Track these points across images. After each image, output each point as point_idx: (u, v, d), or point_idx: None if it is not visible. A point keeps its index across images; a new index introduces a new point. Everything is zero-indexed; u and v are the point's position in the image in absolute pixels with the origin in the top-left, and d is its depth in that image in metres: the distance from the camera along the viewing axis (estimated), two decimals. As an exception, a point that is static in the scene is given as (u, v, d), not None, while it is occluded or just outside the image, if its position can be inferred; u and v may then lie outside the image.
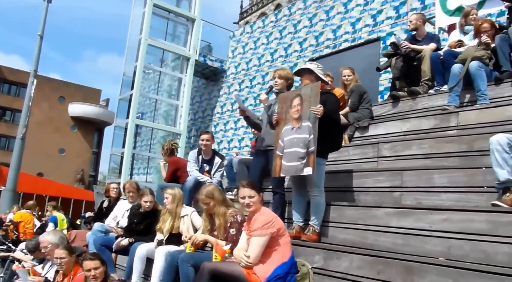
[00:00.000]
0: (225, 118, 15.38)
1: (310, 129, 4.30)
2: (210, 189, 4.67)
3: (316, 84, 4.47)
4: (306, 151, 4.29)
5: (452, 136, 4.75)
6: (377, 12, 11.12)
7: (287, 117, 4.60)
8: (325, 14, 12.52)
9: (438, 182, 4.20)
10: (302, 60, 12.89)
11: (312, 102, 4.33)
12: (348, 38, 11.71)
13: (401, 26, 10.49)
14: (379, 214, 4.11)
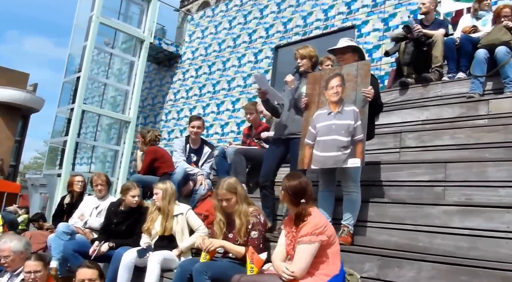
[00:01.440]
0: (178, 106, 14.40)
1: (356, 114, 3.66)
2: (232, 182, 3.91)
3: (364, 62, 3.86)
4: (350, 139, 3.65)
5: (492, 125, 4.28)
6: (352, 0, 10.68)
7: (321, 100, 3.91)
8: (294, 0, 11.91)
9: (494, 175, 3.69)
10: (268, 47, 12.26)
11: (359, 84, 3.69)
12: (320, 26, 11.20)
13: (378, 15, 10.11)
14: (435, 213, 3.55)
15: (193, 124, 5.55)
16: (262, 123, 5.96)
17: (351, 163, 3.61)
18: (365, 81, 3.71)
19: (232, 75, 12.93)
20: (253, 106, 5.87)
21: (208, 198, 5.22)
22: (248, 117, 5.93)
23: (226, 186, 3.85)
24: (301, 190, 3.28)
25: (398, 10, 9.78)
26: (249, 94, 12.29)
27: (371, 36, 10.10)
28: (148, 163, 5.89)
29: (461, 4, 6.38)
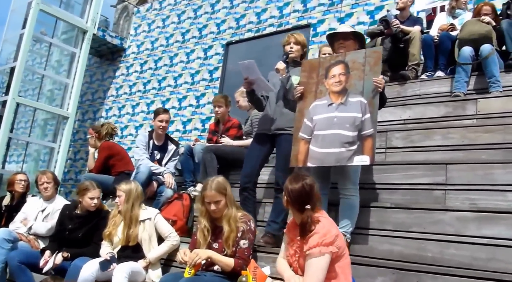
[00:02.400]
0: (120, 102, 13.48)
1: (364, 106, 3.28)
2: (222, 182, 3.39)
3: (375, 49, 3.53)
4: (356, 134, 3.26)
5: (488, 125, 4.07)
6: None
7: (319, 89, 3.49)
8: (248, -5, 11.49)
9: (502, 178, 3.45)
10: (219, 43, 11.74)
11: (367, 72, 3.31)
12: (274, 23, 10.83)
13: (334, 14, 9.91)
14: (446, 219, 3.23)
15: (161, 118, 4.95)
16: (231, 118, 5.46)
17: (358, 160, 3.22)
18: (374, 70, 3.35)
19: (179, 71, 12.26)
20: (222, 99, 5.36)
21: (175, 200, 4.64)
22: (216, 111, 5.40)
23: (215, 186, 3.32)
24: (306, 194, 2.83)
25: (355, 10, 9.61)
26: (197, 91, 11.69)
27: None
28: (102, 160, 5.24)
29: (436, 2, 6.24)
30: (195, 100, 11.55)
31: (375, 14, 9.27)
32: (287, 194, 2.83)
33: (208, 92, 11.38)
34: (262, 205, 4.20)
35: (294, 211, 2.85)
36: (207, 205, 3.33)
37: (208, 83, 11.46)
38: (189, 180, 5.12)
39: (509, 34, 4.88)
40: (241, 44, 11.41)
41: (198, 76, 11.75)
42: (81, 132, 14.05)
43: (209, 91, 11.38)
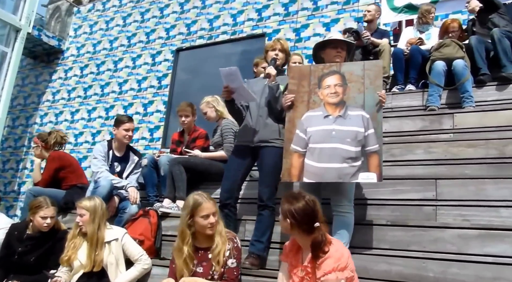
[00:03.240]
0: (57, 108, 12.59)
1: (366, 120, 3.13)
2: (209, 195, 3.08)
3: (375, 63, 3.38)
4: (360, 149, 3.06)
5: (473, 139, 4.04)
6: (263, 6, 10.28)
7: (312, 100, 3.27)
8: (200, 2, 11.15)
9: (494, 194, 3.38)
10: (168, 49, 11.30)
11: (368, 86, 3.15)
12: (228, 31, 10.59)
13: (290, 25, 9.84)
14: (447, 237, 3.10)
15: (127, 126, 4.51)
16: (197, 128, 5.11)
17: (364, 177, 3.02)
18: (376, 84, 3.19)
19: (124, 77, 11.65)
20: (189, 108, 5.00)
21: (140, 217, 4.21)
22: (183, 121, 5.02)
23: (209, 197, 3.09)
24: (312, 211, 2.61)
25: (311, 21, 9.60)
26: (144, 99, 11.15)
27: (282, 46, 9.76)
28: (52, 172, 4.73)
29: (401, 16, 6.27)
30: (142, 108, 11.01)
31: (331, 26, 9.29)
32: (290, 216, 2.56)
33: (156, 100, 10.90)
34: (242, 223, 3.88)
35: (301, 233, 2.59)
36: (204, 219, 2.98)
37: (157, 91, 10.98)
38: (152, 194, 4.70)
39: (478, 51, 4.93)
40: (192, 51, 11.06)
41: (145, 83, 11.22)
42: (10, 140, 13.00)
43: (157, 99, 10.90)
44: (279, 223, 3.58)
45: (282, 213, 2.61)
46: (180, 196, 4.34)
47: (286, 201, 2.62)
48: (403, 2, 6.24)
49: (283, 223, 2.63)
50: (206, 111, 4.82)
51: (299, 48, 9.42)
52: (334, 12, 9.38)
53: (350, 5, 9.25)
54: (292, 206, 2.59)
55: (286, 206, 2.59)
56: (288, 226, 2.58)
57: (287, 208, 2.58)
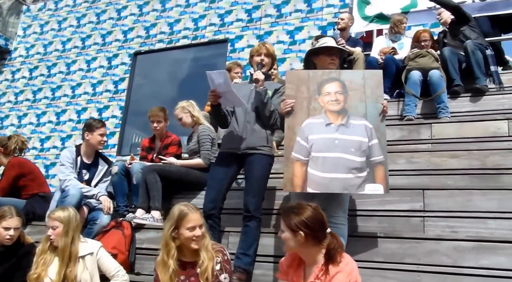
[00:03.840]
0: (3, 112, 11.84)
1: (369, 130, 3.08)
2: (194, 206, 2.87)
3: (375, 72, 3.32)
4: (365, 160, 3.00)
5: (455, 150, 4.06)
6: (226, 12, 10.13)
7: (312, 106, 3.15)
8: (159, 4, 10.85)
9: (482, 205, 3.39)
10: (126, 52, 10.91)
11: (369, 96, 3.10)
12: (189, 35, 10.35)
13: (253, 31, 9.74)
14: (442, 249, 3.06)
15: (102, 131, 4.22)
16: (169, 134, 4.87)
17: (371, 189, 2.95)
18: (377, 94, 3.13)
19: (78, 80, 11.12)
20: (161, 113, 4.76)
21: (112, 229, 3.92)
22: (155, 127, 4.77)
23: (196, 208, 2.86)
24: (322, 217, 2.52)
25: (274, 28, 9.55)
26: (99, 103, 10.69)
27: (245, 52, 9.63)
28: (11, 180, 4.36)
29: (372, 25, 6.31)
30: (97, 113, 10.52)
31: (295, 34, 9.29)
32: (304, 227, 2.41)
33: (112, 105, 10.47)
34: (224, 235, 3.69)
35: (315, 243, 2.44)
36: (189, 231, 2.75)
37: (113, 95, 10.55)
38: (122, 204, 4.42)
39: (452, 62, 5.02)
40: (151, 54, 10.73)
41: (100, 87, 10.76)
42: None
43: (113, 104, 10.47)
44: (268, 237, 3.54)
45: (291, 227, 2.43)
46: (155, 206, 4.10)
47: (293, 213, 2.47)
48: (374, 11, 6.28)
49: (293, 239, 2.44)
50: (182, 117, 4.60)
51: (263, 55, 9.31)
52: (298, 20, 9.38)
53: (314, 14, 9.29)
54: (303, 216, 2.44)
55: (296, 219, 2.43)
56: (302, 239, 2.41)
57: (298, 220, 2.43)
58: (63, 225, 3.21)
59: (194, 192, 4.39)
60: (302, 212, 2.47)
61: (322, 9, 9.22)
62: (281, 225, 2.53)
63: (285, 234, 2.47)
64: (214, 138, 4.54)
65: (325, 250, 2.43)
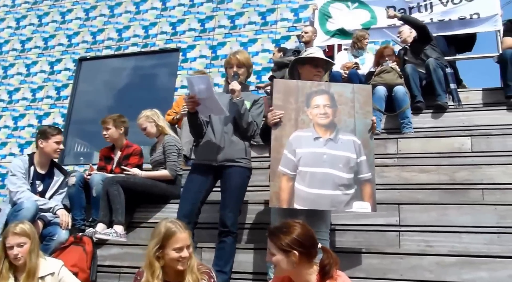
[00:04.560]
0: None
1: (358, 146, 3.04)
2: (184, 223, 2.67)
3: (364, 87, 3.31)
4: (353, 177, 2.95)
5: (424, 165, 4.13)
6: (178, 21, 9.93)
7: (301, 118, 3.05)
8: (108, 9, 10.46)
9: (456, 220, 3.43)
10: (70, 57, 10.39)
11: (358, 111, 3.07)
12: (138, 43, 10.03)
13: (206, 41, 9.60)
14: (425, 264, 3.05)
15: (57, 139, 3.90)
16: (130, 143, 4.60)
17: (358, 207, 2.90)
18: (366, 109, 3.10)
19: (16, 84, 10.44)
20: (109, 119, 4.49)
21: (71, 245, 3.60)
22: (103, 134, 4.51)
23: (185, 227, 2.64)
24: (312, 233, 2.40)
25: (228, 39, 9.47)
26: (39, 110, 10.07)
27: (197, 62, 9.47)
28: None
29: (334, 40, 6.37)
30: (36, 120, 9.93)
31: (248, 46, 9.26)
32: (298, 246, 2.27)
33: (53, 112, 9.93)
34: (197, 250, 3.48)
35: (307, 262, 2.32)
36: (176, 252, 2.54)
37: (54, 102, 10.01)
38: (79, 218, 4.08)
39: (414, 79, 5.15)
40: (97, 61, 10.31)
41: (41, 93, 10.18)
42: None
43: (55, 111, 9.93)
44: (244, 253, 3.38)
45: (282, 248, 2.27)
46: (118, 220, 3.83)
47: (281, 233, 2.32)
48: (335, 26, 6.35)
49: (286, 260, 2.27)
50: (146, 126, 4.36)
51: (216, 66, 9.23)
52: (252, 32, 9.37)
53: (268, 27, 9.31)
54: (293, 235, 2.31)
55: (286, 238, 2.29)
56: (296, 260, 2.27)
57: (289, 239, 2.29)
58: (30, 241, 2.90)
59: (159, 205, 4.16)
60: (292, 230, 2.34)
61: (276, 23, 9.27)
62: (270, 248, 2.35)
63: (277, 257, 2.31)
64: (181, 149, 4.34)
65: (319, 266, 2.32)
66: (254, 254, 3.37)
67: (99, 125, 4.65)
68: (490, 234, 3.32)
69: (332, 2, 6.57)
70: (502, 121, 4.74)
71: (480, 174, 3.93)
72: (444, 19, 5.94)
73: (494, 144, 4.36)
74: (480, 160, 4.19)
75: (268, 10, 9.39)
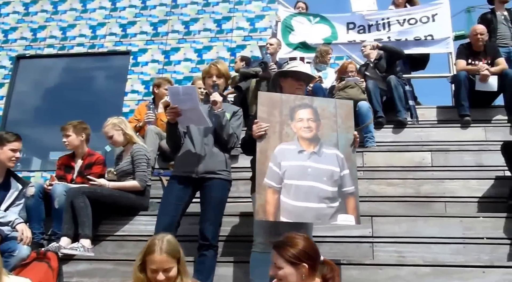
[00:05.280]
0: None
1: (341, 160, 3.07)
2: (173, 242, 2.54)
3: (346, 102, 3.36)
4: (337, 190, 3.00)
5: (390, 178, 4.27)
6: (128, 22, 9.68)
7: (285, 131, 3.05)
8: (50, 5, 10.00)
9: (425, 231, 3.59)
10: (6, 55, 9.80)
11: (340, 125, 3.13)
12: (85, 43, 9.66)
13: (159, 46, 9.42)
14: (403, 274, 3.17)
15: (14, 146, 3.62)
16: (92, 152, 4.39)
17: (343, 219, 2.93)
18: (348, 125, 3.16)
19: None
20: (69, 125, 4.24)
21: (34, 262, 3.37)
22: (63, 142, 4.27)
23: (166, 248, 2.43)
24: (316, 246, 2.46)
25: (182, 45, 9.37)
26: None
27: (149, 67, 9.29)
28: None
29: (296, 53, 6.46)
30: (-35, 122, 9.23)
31: (203, 53, 9.21)
32: (306, 258, 2.28)
33: (-13, 113, 9.26)
34: (174, 265, 3.38)
35: (314, 273, 2.33)
36: (151, 273, 2.44)
37: (-13, 102, 9.36)
38: (38, 231, 3.81)
39: (375, 95, 5.34)
40: (38, 60, 9.82)
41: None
42: None
43: (-12, 112, 9.27)
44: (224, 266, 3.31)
45: (291, 261, 2.27)
46: (85, 233, 3.62)
47: (288, 246, 2.32)
48: (298, 39, 6.46)
49: (296, 273, 2.26)
50: (113, 134, 4.16)
51: (169, 72, 9.10)
52: (206, 39, 9.34)
53: (224, 35, 9.32)
54: (300, 247, 2.32)
55: (294, 250, 2.28)
56: (306, 272, 2.27)
57: (298, 251, 2.29)
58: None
59: (127, 217, 3.99)
60: (297, 243, 2.35)
61: (232, 31, 9.28)
62: (276, 261, 2.34)
63: (285, 270, 2.29)
64: (150, 158, 4.19)
65: (321, 279, 2.34)
66: (234, 267, 3.33)
67: (39, 129, 4.40)
68: (457, 245, 3.50)
69: (295, 16, 6.70)
70: (457, 138, 5.04)
71: (443, 187, 4.14)
72: (401, 39, 6.24)
73: (452, 159, 4.62)
74: (440, 174, 4.43)
75: (224, 18, 9.40)
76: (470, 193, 4.07)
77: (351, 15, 6.71)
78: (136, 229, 3.90)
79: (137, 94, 9.07)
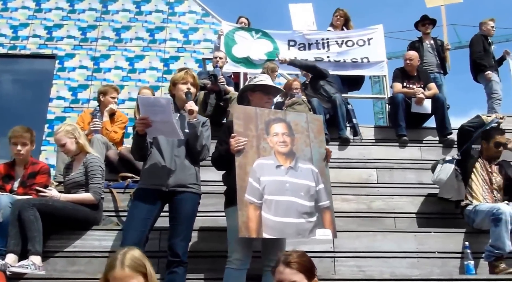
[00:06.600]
0: None
1: (315, 175, 3.16)
2: (137, 256, 2.15)
3: (317, 117, 3.53)
4: (314, 204, 3.08)
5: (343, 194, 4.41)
6: (54, 25, 9.15)
7: (262, 146, 3.07)
8: (-37, -1, 9.18)
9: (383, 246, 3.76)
10: None
11: (313, 140, 3.22)
12: (5, 43, 8.96)
13: (87, 51, 8.99)
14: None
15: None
16: (35, 160, 4.08)
17: (321, 234, 3.01)
18: (320, 139, 3.26)
19: None
20: (28, 134, 3.92)
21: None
22: (18, 151, 3.90)
23: (129, 262, 2.09)
24: (311, 260, 2.41)
25: (113, 52, 9.02)
26: None
27: (76, 73, 8.82)
28: None
29: (241, 68, 6.48)
30: None
31: (135, 62, 8.97)
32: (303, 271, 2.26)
33: None
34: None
35: None
36: None
37: None
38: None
39: (319, 112, 5.49)
40: None
41: None
42: None
43: None
44: None
45: (306, 273, 2.24)
46: (36, 250, 3.31)
47: (297, 263, 2.25)
48: (241, 54, 6.48)
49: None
50: (65, 142, 3.87)
51: (98, 79, 8.72)
52: (139, 48, 9.11)
53: (157, 45, 9.16)
54: (308, 263, 2.31)
55: (305, 265, 2.26)
56: None
57: (309, 266, 2.29)
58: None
59: (78, 232, 3.72)
60: (304, 259, 2.33)
61: (165, 41, 9.15)
62: (292, 277, 2.23)
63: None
64: (104, 170, 3.96)
65: None
66: (205, 285, 3.24)
67: None
68: (412, 259, 3.70)
69: (237, 30, 6.73)
70: (397, 156, 5.35)
71: (393, 203, 4.36)
72: (340, 60, 6.52)
73: (396, 176, 4.90)
74: (387, 191, 4.66)
75: (157, 28, 9.25)
76: (416, 209, 4.35)
77: (292, 33, 6.88)
78: (89, 244, 3.65)
79: (63, 101, 8.56)
